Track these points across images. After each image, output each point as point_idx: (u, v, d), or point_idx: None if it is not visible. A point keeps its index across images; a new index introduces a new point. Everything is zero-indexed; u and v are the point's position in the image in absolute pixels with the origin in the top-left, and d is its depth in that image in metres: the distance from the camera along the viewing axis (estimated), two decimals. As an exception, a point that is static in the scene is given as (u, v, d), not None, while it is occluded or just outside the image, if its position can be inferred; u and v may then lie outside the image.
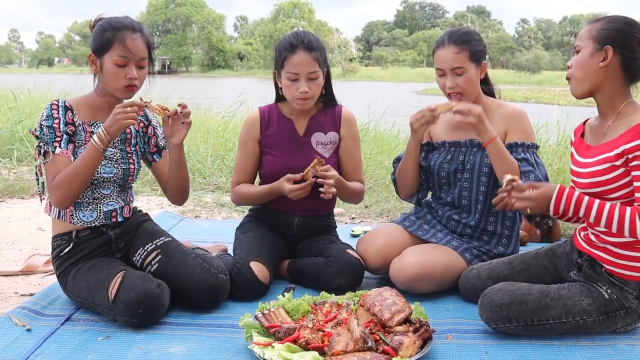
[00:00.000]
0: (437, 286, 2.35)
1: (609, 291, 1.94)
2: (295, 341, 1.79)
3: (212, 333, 2.04)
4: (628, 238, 1.87)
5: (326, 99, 2.58)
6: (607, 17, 1.95)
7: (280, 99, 2.58)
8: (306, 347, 1.77)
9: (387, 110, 7.27)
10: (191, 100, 10.74)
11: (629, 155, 1.82)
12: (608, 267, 1.96)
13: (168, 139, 2.24)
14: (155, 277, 2.14)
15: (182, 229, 3.52)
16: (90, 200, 2.22)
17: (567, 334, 1.98)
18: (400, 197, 2.71)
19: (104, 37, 2.12)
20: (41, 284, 2.58)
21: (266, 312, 1.95)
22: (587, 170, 1.93)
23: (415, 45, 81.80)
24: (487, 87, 2.57)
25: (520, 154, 2.33)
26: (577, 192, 1.87)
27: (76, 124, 2.16)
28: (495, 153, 2.27)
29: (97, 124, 2.20)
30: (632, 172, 1.82)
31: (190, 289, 2.16)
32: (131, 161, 2.29)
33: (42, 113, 2.14)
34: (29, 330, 2.04)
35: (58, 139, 2.10)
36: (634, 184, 1.83)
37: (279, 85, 2.51)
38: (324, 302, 2.05)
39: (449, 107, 2.28)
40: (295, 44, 2.38)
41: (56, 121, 2.11)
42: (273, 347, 1.77)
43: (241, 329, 1.95)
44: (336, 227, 2.74)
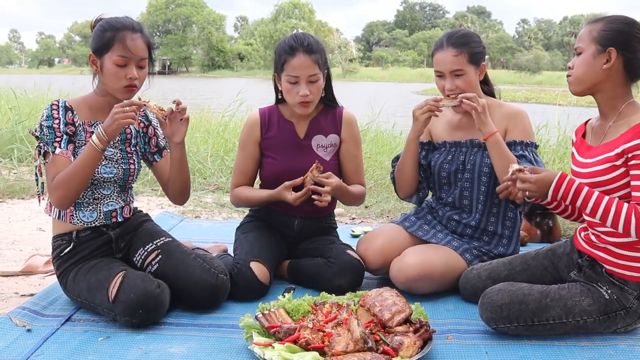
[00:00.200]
0: (438, 286, 2.35)
1: (609, 291, 1.94)
2: (295, 341, 1.79)
3: (213, 333, 2.03)
4: (625, 238, 1.87)
5: (327, 101, 2.57)
6: (607, 17, 1.94)
7: (280, 101, 2.57)
8: (306, 347, 1.77)
9: (387, 110, 7.27)
10: (191, 101, 10.72)
11: (628, 155, 1.82)
12: (608, 267, 1.95)
13: (169, 139, 2.24)
14: (156, 277, 2.14)
15: (183, 229, 3.52)
16: (91, 200, 2.22)
17: (568, 334, 1.98)
18: (399, 196, 2.70)
19: (104, 37, 2.12)
20: (41, 285, 2.58)
21: (266, 312, 1.95)
22: (588, 170, 1.93)
23: (416, 45, 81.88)
24: (487, 88, 2.58)
25: (519, 152, 2.34)
26: (578, 181, 1.86)
27: (76, 124, 2.16)
28: (495, 147, 2.28)
29: (97, 124, 2.20)
30: (631, 171, 1.82)
31: (191, 289, 2.16)
32: (131, 161, 2.29)
33: (42, 113, 2.14)
34: (29, 330, 2.03)
35: (58, 139, 2.10)
36: (631, 182, 1.83)
37: (279, 88, 2.50)
38: (324, 303, 2.05)
39: (454, 99, 2.32)
40: (295, 46, 2.37)
41: (56, 121, 2.11)
42: (273, 347, 1.77)
43: (241, 330, 1.94)
44: (337, 228, 2.74)
